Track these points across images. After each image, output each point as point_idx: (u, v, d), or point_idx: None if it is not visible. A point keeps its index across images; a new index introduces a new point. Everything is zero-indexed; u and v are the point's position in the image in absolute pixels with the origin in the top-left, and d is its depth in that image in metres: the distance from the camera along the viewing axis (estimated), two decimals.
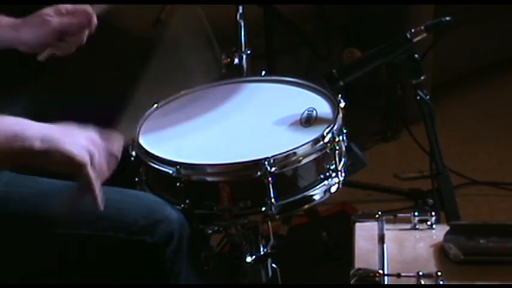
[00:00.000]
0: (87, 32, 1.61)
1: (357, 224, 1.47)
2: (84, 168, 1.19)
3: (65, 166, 1.20)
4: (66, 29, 1.59)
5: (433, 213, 1.46)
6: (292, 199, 1.48)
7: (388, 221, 1.46)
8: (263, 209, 1.45)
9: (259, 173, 1.42)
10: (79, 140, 1.21)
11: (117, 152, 1.27)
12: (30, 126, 1.20)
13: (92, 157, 1.21)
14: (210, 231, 1.72)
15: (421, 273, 1.29)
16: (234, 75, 1.86)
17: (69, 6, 1.63)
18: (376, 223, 1.46)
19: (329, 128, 1.51)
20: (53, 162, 1.20)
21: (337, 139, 1.51)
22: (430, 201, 2.32)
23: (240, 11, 1.94)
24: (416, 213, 1.45)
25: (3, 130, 1.18)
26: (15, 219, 1.34)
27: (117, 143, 1.27)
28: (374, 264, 1.34)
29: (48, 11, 1.61)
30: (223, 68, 1.92)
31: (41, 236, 1.34)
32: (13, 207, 1.35)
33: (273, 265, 1.66)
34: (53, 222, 1.32)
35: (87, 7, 1.62)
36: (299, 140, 1.48)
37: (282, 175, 1.45)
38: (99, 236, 1.35)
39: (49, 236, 1.34)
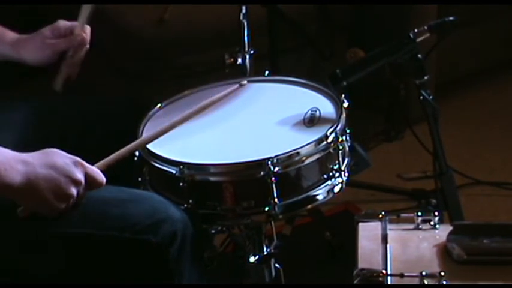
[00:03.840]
0: (85, 49, 1.66)
1: (360, 224, 1.47)
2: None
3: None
4: (65, 49, 1.65)
5: (437, 213, 1.46)
6: (295, 199, 1.47)
7: (392, 221, 1.46)
8: (266, 209, 1.45)
9: (262, 173, 1.42)
10: (56, 190, 1.26)
11: (98, 185, 1.32)
12: (10, 167, 1.23)
13: (68, 199, 1.28)
14: (213, 231, 1.73)
15: (424, 273, 1.29)
16: (237, 75, 1.86)
17: (67, 24, 1.65)
18: (379, 223, 1.46)
19: (332, 128, 1.50)
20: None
21: (340, 139, 1.51)
22: (434, 201, 2.31)
23: (244, 10, 1.94)
24: (419, 213, 1.45)
25: None
26: (19, 218, 1.34)
27: (98, 178, 1.32)
28: (377, 264, 1.34)
29: (47, 32, 1.66)
30: (227, 68, 1.93)
31: (45, 235, 1.34)
32: (17, 207, 1.35)
33: (277, 265, 1.66)
34: (57, 222, 1.32)
35: (84, 27, 1.66)
36: (302, 140, 1.48)
37: (285, 175, 1.45)
38: (102, 236, 1.35)
39: (53, 235, 1.35)
